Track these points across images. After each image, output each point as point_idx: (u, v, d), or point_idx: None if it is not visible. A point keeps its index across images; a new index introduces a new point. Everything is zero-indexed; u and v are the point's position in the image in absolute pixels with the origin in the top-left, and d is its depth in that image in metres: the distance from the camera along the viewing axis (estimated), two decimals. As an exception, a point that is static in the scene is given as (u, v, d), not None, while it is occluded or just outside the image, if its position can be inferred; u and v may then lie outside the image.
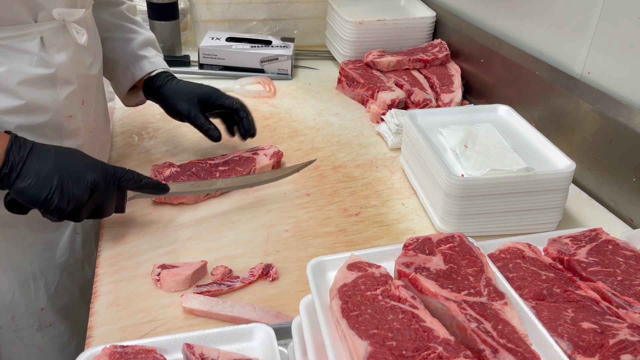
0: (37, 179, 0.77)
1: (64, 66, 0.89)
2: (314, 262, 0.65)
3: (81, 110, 0.95)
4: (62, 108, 0.90)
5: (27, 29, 0.84)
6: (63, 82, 0.90)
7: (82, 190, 0.80)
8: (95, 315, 0.78)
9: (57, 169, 0.78)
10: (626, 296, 0.64)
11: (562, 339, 0.58)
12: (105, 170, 0.84)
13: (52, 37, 0.86)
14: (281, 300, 0.81)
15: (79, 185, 0.79)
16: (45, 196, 0.77)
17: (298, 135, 1.26)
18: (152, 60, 1.12)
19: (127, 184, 0.87)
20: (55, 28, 0.87)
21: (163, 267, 0.83)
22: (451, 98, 1.33)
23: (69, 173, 0.79)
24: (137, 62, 1.11)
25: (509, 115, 1.07)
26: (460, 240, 0.67)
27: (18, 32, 0.83)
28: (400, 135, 1.18)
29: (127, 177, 0.87)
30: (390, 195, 1.05)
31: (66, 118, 0.92)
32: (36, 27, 0.84)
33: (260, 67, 1.53)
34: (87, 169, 0.81)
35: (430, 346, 0.53)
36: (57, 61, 0.88)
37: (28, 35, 0.84)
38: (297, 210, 0.99)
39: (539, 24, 1.19)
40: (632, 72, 0.97)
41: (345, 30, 1.49)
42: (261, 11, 1.65)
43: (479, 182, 0.88)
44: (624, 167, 0.97)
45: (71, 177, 0.79)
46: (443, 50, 1.46)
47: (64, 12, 0.87)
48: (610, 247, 0.73)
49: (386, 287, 0.60)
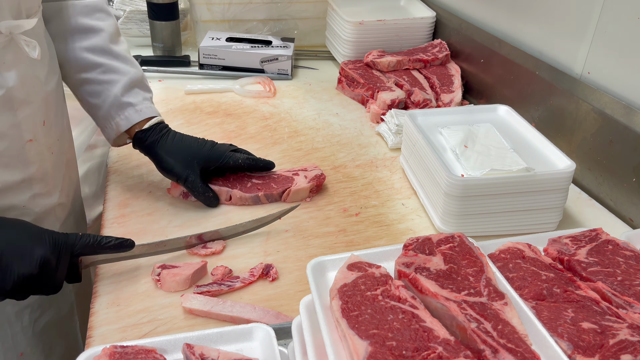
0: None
1: (18, 85, 0.78)
2: (314, 262, 0.65)
3: (42, 132, 0.86)
4: (21, 132, 0.81)
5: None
6: (19, 102, 0.79)
7: (30, 269, 0.69)
8: (95, 315, 0.78)
9: (1, 247, 0.69)
10: (626, 296, 0.64)
11: (562, 339, 0.58)
12: (54, 241, 0.73)
13: (0, 53, 0.76)
14: (281, 300, 0.81)
15: (25, 264, 0.69)
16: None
17: (298, 135, 1.26)
18: (139, 107, 0.97)
19: (84, 250, 0.77)
20: (2, 43, 0.76)
21: (163, 267, 0.83)
22: (451, 98, 1.33)
23: (15, 251, 0.69)
24: (121, 111, 0.97)
25: (509, 115, 1.07)
26: (460, 241, 0.67)
27: None
28: (400, 135, 1.18)
29: (81, 243, 0.76)
30: (390, 195, 1.05)
31: (26, 142, 0.82)
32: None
33: (260, 67, 1.53)
34: (34, 243, 0.71)
35: (430, 346, 0.53)
36: (10, 80, 0.77)
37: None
38: (297, 210, 0.99)
39: (539, 24, 1.19)
40: (632, 72, 0.97)
41: (345, 30, 1.49)
42: (261, 11, 1.65)
43: (479, 182, 0.88)
44: (624, 167, 0.97)
45: (17, 255, 0.69)
46: (443, 50, 1.46)
47: (11, 25, 0.76)
48: (610, 247, 0.73)
49: (386, 287, 0.60)
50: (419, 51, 1.47)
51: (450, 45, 1.48)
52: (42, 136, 0.86)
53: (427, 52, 1.46)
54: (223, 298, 0.80)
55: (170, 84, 1.49)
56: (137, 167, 1.12)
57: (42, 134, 0.86)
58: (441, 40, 1.50)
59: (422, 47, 1.50)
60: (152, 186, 1.06)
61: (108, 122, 0.98)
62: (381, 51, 1.47)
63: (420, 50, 1.48)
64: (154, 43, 1.60)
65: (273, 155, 1.17)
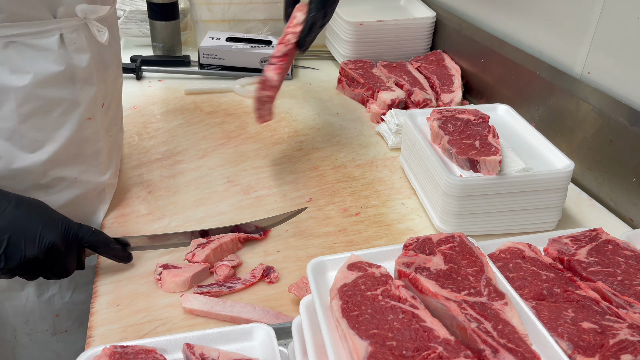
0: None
1: (84, 65, 0.85)
2: (314, 262, 0.65)
3: (100, 113, 0.92)
4: (81, 110, 0.87)
5: (45, 26, 0.79)
6: (82, 82, 0.86)
7: (36, 252, 0.73)
8: (95, 315, 0.78)
9: (11, 227, 0.72)
10: (626, 296, 0.64)
11: (562, 339, 0.58)
12: (66, 229, 0.78)
13: (72, 35, 0.83)
14: (281, 301, 0.81)
15: (32, 247, 0.73)
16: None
17: (298, 135, 1.26)
18: None
19: (91, 245, 0.81)
20: (75, 26, 0.83)
21: (165, 267, 0.83)
22: (451, 98, 1.33)
23: (24, 232, 0.73)
24: None
25: (508, 114, 1.07)
26: (461, 240, 0.67)
27: (36, 28, 0.78)
28: (401, 135, 1.18)
29: (90, 239, 0.80)
30: (390, 195, 1.05)
31: (85, 120, 0.88)
32: (56, 24, 0.80)
33: (260, 67, 1.53)
34: (46, 228, 0.75)
35: (430, 346, 0.53)
36: (77, 60, 0.84)
37: (47, 32, 0.80)
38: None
39: (539, 24, 1.19)
40: (632, 72, 0.97)
41: (345, 30, 1.49)
42: (261, 11, 1.65)
43: (478, 183, 0.88)
44: (624, 167, 0.97)
45: (26, 236, 0.73)
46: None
47: (87, 9, 0.83)
48: (610, 247, 0.73)
49: (386, 287, 0.60)
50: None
51: (450, 45, 1.48)
52: (100, 117, 0.92)
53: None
54: (223, 298, 0.80)
55: (170, 84, 1.49)
56: (137, 167, 1.12)
57: (99, 115, 0.91)
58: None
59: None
60: (152, 186, 1.06)
61: None
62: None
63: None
64: (154, 43, 1.60)
65: (273, 155, 1.17)
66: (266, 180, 1.09)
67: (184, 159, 1.15)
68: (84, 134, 0.89)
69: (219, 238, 0.88)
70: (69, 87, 0.84)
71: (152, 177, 1.09)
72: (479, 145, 0.92)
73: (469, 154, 0.90)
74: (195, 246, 0.87)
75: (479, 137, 0.94)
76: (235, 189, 1.06)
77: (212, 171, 1.11)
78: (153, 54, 1.61)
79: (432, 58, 1.48)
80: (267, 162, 1.15)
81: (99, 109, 0.91)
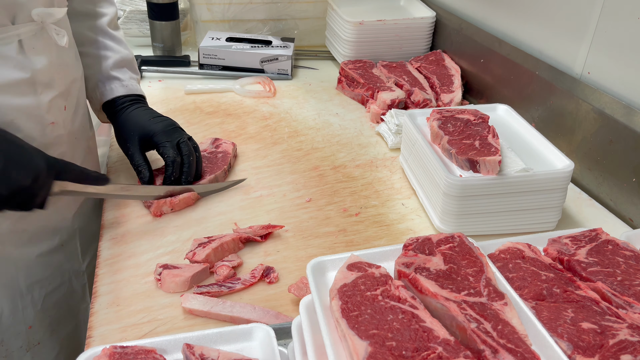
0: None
1: (44, 70, 0.84)
2: (314, 262, 0.65)
3: (63, 117, 0.91)
4: (43, 114, 0.86)
5: (4, 32, 0.79)
6: (44, 86, 0.85)
7: (25, 180, 0.74)
8: (95, 315, 0.78)
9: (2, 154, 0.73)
10: (626, 296, 0.64)
11: (562, 339, 0.58)
12: (48, 160, 0.79)
13: (31, 40, 0.82)
14: (281, 301, 0.81)
15: (22, 175, 0.74)
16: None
17: (298, 135, 1.26)
18: (125, 83, 1.05)
19: (68, 177, 0.82)
20: (34, 30, 0.82)
21: (165, 267, 0.83)
22: (451, 98, 1.33)
23: (14, 159, 0.74)
24: (108, 83, 1.04)
25: (508, 114, 1.07)
26: (460, 241, 0.67)
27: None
28: (400, 135, 1.18)
29: (68, 169, 0.82)
30: (390, 195, 1.05)
31: (48, 125, 0.88)
32: (14, 30, 0.79)
33: (260, 67, 1.53)
34: (33, 157, 0.76)
35: (430, 346, 0.53)
36: (37, 65, 0.83)
37: (5, 38, 0.79)
38: (297, 210, 0.99)
39: (539, 24, 1.19)
40: (632, 72, 0.97)
41: (345, 30, 1.49)
42: (261, 11, 1.65)
43: (477, 183, 0.88)
44: (624, 167, 0.97)
45: (16, 165, 0.74)
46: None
47: (43, 13, 0.82)
48: (610, 247, 0.73)
49: (386, 287, 0.60)
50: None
51: (450, 45, 1.48)
52: (63, 121, 0.91)
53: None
54: (223, 298, 0.80)
55: (170, 84, 1.49)
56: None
57: (62, 119, 0.91)
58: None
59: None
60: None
61: (94, 92, 1.05)
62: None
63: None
64: (154, 43, 1.60)
65: (273, 155, 1.17)
66: (266, 180, 1.09)
67: (184, 159, 1.15)
68: (47, 139, 0.88)
69: (220, 237, 0.88)
70: (30, 93, 0.84)
71: (152, 177, 1.09)
72: (479, 146, 0.92)
73: (468, 154, 0.90)
74: (197, 245, 0.87)
75: (478, 137, 0.94)
76: (235, 189, 1.06)
77: (212, 171, 1.11)
78: (153, 54, 1.61)
79: (432, 58, 1.48)
80: (267, 162, 1.15)
81: (61, 112, 0.90)
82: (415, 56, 1.53)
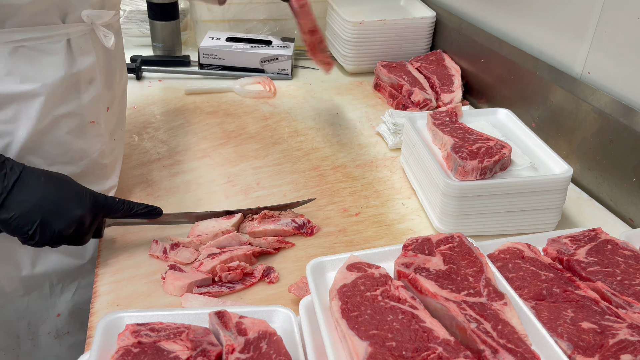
0: (20, 212, 0.74)
1: (89, 69, 0.86)
2: (313, 263, 0.65)
3: (104, 117, 0.93)
4: (85, 113, 0.88)
5: (54, 31, 0.81)
6: (87, 85, 0.87)
7: (67, 226, 0.77)
8: (95, 316, 0.78)
9: (42, 203, 0.75)
10: (626, 296, 0.64)
11: (562, 339, 0.58)
12: (94, 201, 0.81)
13: (79, 39, 0.84)
14: (281, 301, 0.81)
15: (63, 221, 0.77)
16: (27, 231, 0.75)
17: (298, 135, 1.26)
18: None
19: (118, 215, 0.84)
20: (83, 31, 0.84)
21: (172, 267, 0.83)
22: (451, 98, 1.33)
23: (55, 208, 0.76)
24: None
25: (508, 118, 1.06)
26: (460, 241, 0.67)
27: (45, 33, 0.80)
28: (399, 135, 1.18)
29: (116, 208, 0.84)
30: (390, 195, 1.05)
31: (88, 123, 0.89)
32: (64, 29, 0.81)
33: (260, 67, 1.53)
34: (75, 203, 0.78)
35: (430, 347, 0.53)
36: (83, 64, 0.85)
37: (55, 36, 0.81)
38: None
39: (539, 24, 1.19)
40: (632, 72, 0.97)
41: (345, 30, 1.49)
42: (261, 11, 1.65)
43: (476, 184, 0.88)
44: (624, 167, 0.97)
45: (57, 212, 0.76)
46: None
47: (93, 14, 0.84)
48: (609, 247, 0.73)
49: (386, 287, 0.60)
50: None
51: (450, 45, 1.48)
52: (104, 121, 0.93)
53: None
54: (223, 298, 0.80)
55: (170, 84, 1.49)
56: (137, 167, 1.12)
57: (103, 119, 0.92)
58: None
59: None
60: (152, 186, 1.06)
61: None
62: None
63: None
64: (154, 43, 1.60)
65: (273, 155, 1.17)
66: (266, 180, 1.09)
67: (184, 159, 1.15)
68: (87, 137, 0.90)
69: (231, 250, 0.86)
70: (73, 91, 0.85)
71: (152, 177, 1.09)
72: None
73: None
74: (206, 255, 0.86)
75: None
76: (235, 189, 1.06)
77: (212, 171, 1.11)
78: (153, 54, 1.61)
79: (432, 58, 1.48)
80: (267, 162, 1.15)
81: (103, 112, 0.92)
82: (416, 56, 1.53)
